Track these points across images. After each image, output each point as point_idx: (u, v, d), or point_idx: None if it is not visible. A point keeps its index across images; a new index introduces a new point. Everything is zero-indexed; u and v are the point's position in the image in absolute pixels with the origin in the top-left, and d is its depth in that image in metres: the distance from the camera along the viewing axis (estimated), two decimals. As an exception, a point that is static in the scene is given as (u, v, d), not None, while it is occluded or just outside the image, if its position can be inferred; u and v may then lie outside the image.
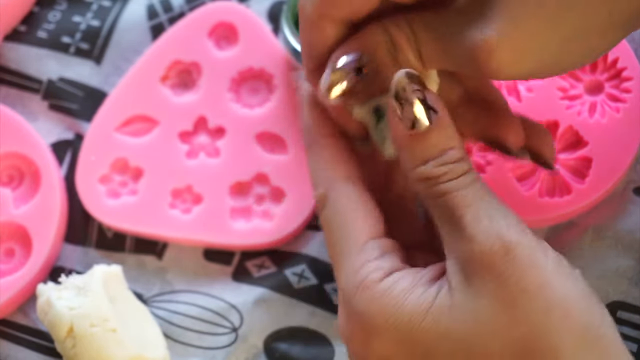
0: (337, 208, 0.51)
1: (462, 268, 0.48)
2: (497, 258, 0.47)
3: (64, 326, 0.61)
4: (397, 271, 0.50)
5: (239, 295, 0.66)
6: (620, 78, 0.65)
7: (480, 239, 0.48)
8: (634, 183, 0.65)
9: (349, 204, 0.51)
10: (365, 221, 0.51)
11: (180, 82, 0.70)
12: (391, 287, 0.49)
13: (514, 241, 0.48)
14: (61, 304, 0.61)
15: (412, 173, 0.50)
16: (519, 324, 0.47)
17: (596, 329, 0.48)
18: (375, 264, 0.50)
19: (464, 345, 0.47)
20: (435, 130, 0.49)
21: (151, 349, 0.63)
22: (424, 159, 0.49)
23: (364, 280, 0.49)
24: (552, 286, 0.47)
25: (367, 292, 0.49)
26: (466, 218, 0.48)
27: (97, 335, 0.61)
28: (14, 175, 0.69)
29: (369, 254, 0.50)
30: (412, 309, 0.48)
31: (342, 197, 0.52)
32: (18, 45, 0.72)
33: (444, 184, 0.49)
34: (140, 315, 0.65)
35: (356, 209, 0.51)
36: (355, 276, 0.49)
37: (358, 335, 0.49)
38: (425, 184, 0.50)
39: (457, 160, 0.50)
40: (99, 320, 0.61)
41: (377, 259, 0.50)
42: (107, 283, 0.63)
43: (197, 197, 0.67)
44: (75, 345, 0.61)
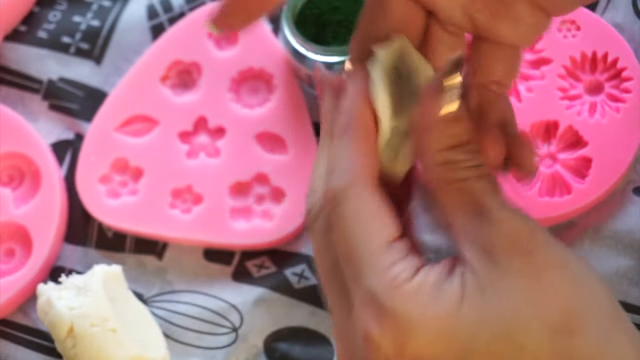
0: (360, 207, 0.50)
1: (487, 251, 0.48)
2: (523, 237, 0.47)
3: (64, 326, 0.61)
4: (425, 267, 0.49)
5: (239, 295, 0.66)
6: (620, 78, 0.65)
7: (507, 222, 0.48)
8: (633, 183, 0.65)
9: (373, 204, 0.50)
10: (389, 222, 0.50)
11: (180, 82, 0.70)
12: (423, 283, 0.48)
13: (537, 226, 0.48)
14: (61, 304, 0.61)
15: (437, 155, 0.49)
16: (553, 299, 0.47)
17: (619, 311, 0.48)
18: (403, 264, 0.49)
19: (503, 326, 0.47)
20: (466, 119, 0.49)
21: (151, 349, 0.63)
22: (449, 144, 0.49)
23: (395, 279, 0.48)
24: (575, 265, 0.48)
25: (400, 290, 0.48)
26: (491, 203, 0.48)
27: (97, 335, 0.61)
28: (14, 175, 0.69)
29: (394, 255, 0.49)
30: (447, 300, 0.47)
31: (366, 196, 0.50)
32: (18, 45, 0.72)
33: (467, 169, 0.49)
34: (140, 315, 0.65)
35: (380, 209, 0.50)
36: (386, 275, 0.48)
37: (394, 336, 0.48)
38: (447, 168, 0.49)
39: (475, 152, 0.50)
40: (99, 320, 0.61)
41: (403, 259, 0.49)
42: (107, 283, 0.63)
43: (197, 197, 0.67)
44: (75, 345, 0.61)
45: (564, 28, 0.66)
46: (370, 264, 0.49)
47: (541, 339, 0.46)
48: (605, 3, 0.68)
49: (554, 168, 0.64)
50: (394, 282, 0.48)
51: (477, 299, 0.47)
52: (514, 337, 0.47)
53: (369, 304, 0.49)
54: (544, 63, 0.66)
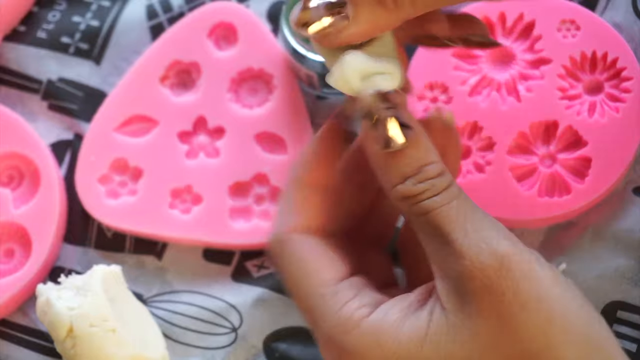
0: (298, 256, 0.50)
1: (455, 286, 0.47)
2: (491, 272, 0.46)
3: (63, 326, 0.61)
4: (383, 303, 0.49)
5: (238, 295, 0.66)
6: (619, 78, 0.65)
7: (472, 254, 0.46)
8: (633, 183, 0.65)
9: (309, 252, 0.50)
10: (330, 265, 0.50)
11: (180, 82, 0.70)
12: (383, 319, 0.48)
13: (507, 253, 0.46)
14: (61, 304, 0.61)
15: (392, 192, 0.48)
16: (520, 341, 0.46)
17: (596, 341, 0.47)
18: (357, 302, 0.48)
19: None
20: (411, 147, 0.48)
21: (151, 349, 0.63)
22: (402, 176, 0.48)
23: (350, 318, 0.48)
24: (550, 299, 0.46)
25: (358, 330, 0.48)
26: (454, 234, 0.47)
27: (97, 335, 0.61)
28: (14, 176, 0.69)
29: (345, 294, 0.49)
30: (409, 338, 0.47)
31: (301, 246, 0.50)
32: (18, 45, 0.72)
33: (426, 201, 0.47)
34: (139, 315, 0.65)
35: (318, 255, 0.50)
36: (339, 318, 0.48)
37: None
38: (407, 203, 0.48)
39: (438, 174, 0.48)
40: (98, 320, 0.61)
41: (355, 297, 0.49)
42: (107, 283, 0.63)
43: (196, 197, 0.67)
44: (75, 345, 0.61)
45: (563, 28, 0.66)
46: (321, 307, 0.49)
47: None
48: (605, 3, 0.68)
49: (553, 168, 0.64)
50: (348, 322, 0.48)
51: (442, 338, 0.46)
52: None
53: (328, 345, 0.48)
54: (543, 63, 0.66)
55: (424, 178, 0.48)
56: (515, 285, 0.46)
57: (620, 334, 0.62)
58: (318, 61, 0.66)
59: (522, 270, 0.46)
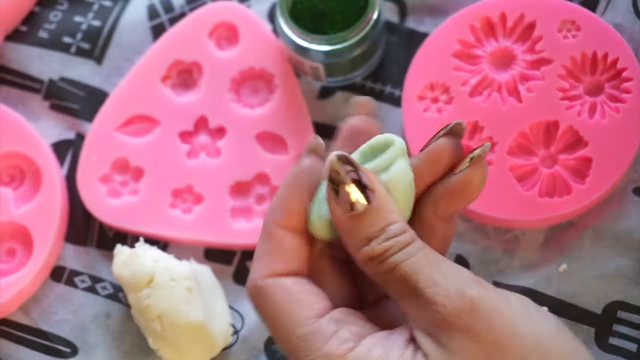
0: (274, 301, 0.50)
1: (430, 333, 0.47)
2: (463, 315, 0.46)
3: (146, 276, 0.63)
4: (367, 337, 0.48)
5: (240, 297, 0.66)
6: (620, 78, 0.65)
7: (442, 300, 0.47)
8: (633, 183, 0.65)
9: (284, 295, 0.50)
10: (308, 303, 0.50)
11: (181, 82, 0.70)
12: (367, 355, 0.48)
13: (476, 295, 0.47)
14: (148, 254, 0.63)
15: (358, 255, 0.49)
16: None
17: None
18: (338, 338, 0.48)
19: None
20: (373, 210, 0.48)
21: (216, 321, 0.63)
22: (367, 238, 0.48)
23: (334, 353, 0.48)
24: (523, 332, 0.47)
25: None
26: (423, 283, 0.47)
27: (175, 289, 0.62)
28: (15, 175, 0.69)
29: (326, 330, 0.49)
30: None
31: (276, 289, 0.50)
32: (19, 45, 0.72)
33: (392, 257, 0.48)
34: (213, 288, 0.65)
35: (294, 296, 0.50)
36: (322, 355, 0.48)
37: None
38: (373, 263, 0.48)
39: (400, 232, 0.48)
40: (179, 276, 0.63)
41: (337, 332, 0.48)
42: None
43: (197, 197, 0.67)
44: (151, 295, 0.62)
45: (564, 29, 0.66)
46: (304, 347, 0.48)
47: None
48: (605, 3, 0.68)
49: (554, 168, 0.64)
50: (332, 357, 0.48)
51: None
52: None
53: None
54: (544, 63, 0.66)
55: (388, 237, 0.48)
56: (487, 325, 0.46)
57: (620, 333, 0.62)
58: (321, 51, 0.66)
59: (492, 309, 0.47)
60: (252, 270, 0.51)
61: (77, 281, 0.68)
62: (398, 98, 0.68)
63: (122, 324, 0.66)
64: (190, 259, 0.66)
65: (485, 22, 0.67)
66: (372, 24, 0.66)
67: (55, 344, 0.66)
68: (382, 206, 0.48)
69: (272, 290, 0.50)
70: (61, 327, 0.67)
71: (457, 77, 0.66)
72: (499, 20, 0.67)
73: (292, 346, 0.49)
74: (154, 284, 0.62)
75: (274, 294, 0.50)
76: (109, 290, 0.67)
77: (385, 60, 0.70)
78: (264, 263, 0.51)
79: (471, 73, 0.67)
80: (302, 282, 0.51)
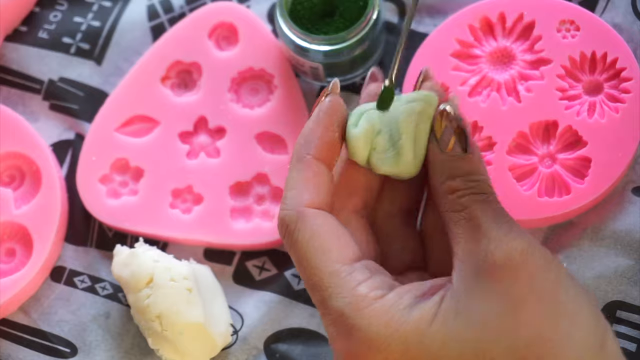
0: (315, 231, 0.51)
1: (476, 271, 0.49)
2: (515, 255, 0.48)
3: (145, 276, 0.63)
4: (398, 287, 0.50)
5: (239, 297, 0.66)
6: (619, 78, 0.65)
7: (500, 242, 0.49)
8: (632, 183, 0.65)
9: (326, 228, 0.51)
10: (347, 244, 0.51)
11: (181, 82, 0.70)
12: (395, 302, 0.49)
13: (532, 247, 0.49)
14: (147, 254, 0.63)
15: (443, 186, 0.52)
16: (525, 327, 0.47)
17: (602, 344, 0.48)
18: (370, 283, 0.50)
19: (471, 347, 0.48)
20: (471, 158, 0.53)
21: (215, 321, 0.64)
22: (455, 176, 0.52)
23: (365, 298, 0.49)
24: (563, 292, 0.48)
25: (370, 309, 0.49)
26: (487, 224, 0.50)
27: (174, 290, 0.62)
28: (15, 176, 0.69)
29: (360, 273, 0.50)
30: (418, 318, 0.48)
31: (318, 221, 0.52)
32: (19, 45, 0.72)
33: (471, 195, 0.51)
34: (213, 290, 0.65)
35: (336, 233, 0.52)
36: (354, 295, 0.49)
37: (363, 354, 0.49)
38: (453, 196, 0.52)
39: (483, 181, 0.52)
40: (179, 276, 0.63)
41: (370, 279, 0.50)
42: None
43: (197, 197, 0.67)
44: (150, 295, 0.62)
45: (563, 28, 0.66)
46: (336, 284, 0.50)
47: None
48: (604, 3, 0.68)
49: (553, 168, 0.64)
50: (363, 301, 0.49)
51: (450, 319, 0.48)
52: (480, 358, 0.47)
53: (337, 323, 0.50)
54: (543, 63, 0.66)
55: (472, 179, 0.52)
56: (533, 273, 0.48)
57: (620, 333, 0.62)
58: (321, 51, 0.66)
59: (542, 262, 0.49)
60: (289, 197, 0.52)
61: (76, 281, 0.68)
62: (397, 98, 0.68)
63: (121, 324, 0.66)
64: (190, 259, 0.66)
65: (485, 22, 0.67)
66: (371, 24, 0.66)
67: (55, 344, 0.66)
68: (476, 158, 0.53)
69: (314, 219, 0.51)
70: (61, 327, 0.67)
71: (457, 77, 0.66)
72: (498, 20, 0.67)
73: (321, 281, 0.50)
74: (154, 284, 0.63)
75: (316, 224, 0.51)
76: (109, 291, 0.67)
77: (385, 60, 0.70)
78: (301, 191, 0.52)
79: (470, 73, 0.67)
80: (339, 222, 0.52)
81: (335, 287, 0.50)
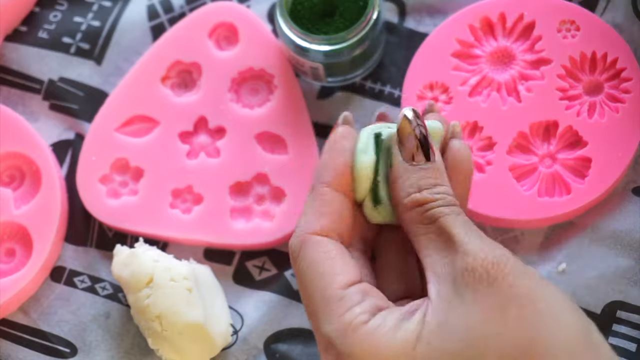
0: (313, 258, 0.53)
1: (454, 283, 0.49)
2: (490, 266, 0.49)
3: (145, 276, 0.63)
4: (383, 310, 0.51)
5: (239, 297, 0.66)
6: (619, 78, 0.65)
7: (475, 252, 0.50)
8: (633, 183, 0.65)
9: (325, 255, 0.53)
10: (342, 269, 0.52)
11: (181, 82, 0.70)
12: (380, 325, 0.50)
13: (506, 255, 0.50)
14: (147, 254, 0.63)
15: (406, 200, 0.53)
16: (510, 331, 0.48)
17: (589, 337, 0.49)
18: (360, 308, 0.51)
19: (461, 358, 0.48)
20: (431, 167, 0.53)
21: (215, 321, 0.63)
22: (419, 187, 0.53)
23: (352, 323, 0.50)
24: (543, 297, 0.49)
25: (356, 334, 0.50)
26: (460, 236, 0.51)
27: (174, 289, 0.62)
28: (15, 176, 0.69)
29: (351, 299, 0.51)
30: (403, 340, 0.49)
31: (319, 248, 0.53)
32: (19, 45, 0.72)
33: (437, 208, 0.52)
34: (213, 290, 0.65)
35: (333, 259, 0.53)
36: (341, 321, 0.50)
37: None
38: (418, 210, 0.52)
39: (448, 194, 0.53)
40: (179, 276, 0.63)
41: (360, 303, 0.51)
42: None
43: (197, 197, 0.67)
44: (150, 295, 0.62)
45: (563, 28, 0.66)
46: (326, 311, 0.51)
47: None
48: (604, 3, 0.68)
49: (553, 168, 0.64)
50: (349, 327, 0.50)
51: (434, 337, 0.49)
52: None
53: (328, 349, 0.51)
54: (543, 63, 0.66)
55: (438, 192, 0.53)
56: (511, 279, 0.49)
57: (620, 333, 0.62)
58: (321, 51, 0.66)
59: (518, 269, 0.49)
60: (301, 224, 0.54)
61: (76, 281, 0.68)
62: (398, 98, 0.68)
63: (121, 324, 0.66)
64: (189, 259, 0.66)
65: (485, 22, 0.67)
66: (371, 24, 0.66)
67: (54, 344, 0.66)
68: (438, 167, 0.54)
69: (316, 246, 0.53)
70: (61, 327, 0.67)
71: (457, 77, 0.67)
72: (499, 20, 0.67)
73: (315, 307, 0.52)
74: (154, 284, 0.63)
75: (316, 251, 0.53)
76: (109, 291, 0.67)
77: (385, 60, 0.70)
78: (313, 219, 0.54)
79: (471, 73, 0.67)
80: (342, 247, 0.54)
81: (324, 313, 0.51)
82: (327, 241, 0.54)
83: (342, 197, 0.55)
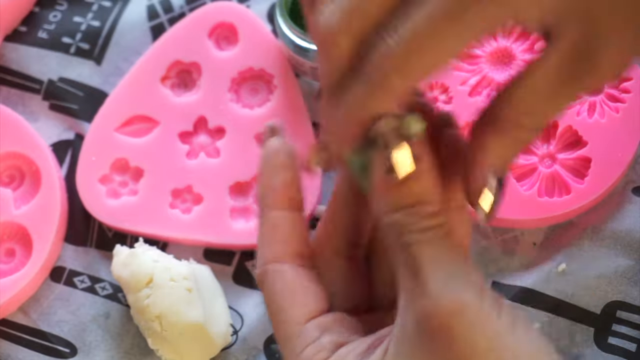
0: (273, 291, 0.50)
1: (416, 323, 0.46)
2: (447, 316, 0.45)
3: (145, 276, 0.62)
4: (343, 346, 0.48)
5: (239, 297, 0.66)
6: (619, 78, 0.65)
7: (435, 295, 0.45)
8: (633, 183, 0.65)
9: (283, 286, 0.50)
10: (302, 301, 0.50)
11: (181, 82, 0.70)
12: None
13: (469, 301, 0.45)
14: (147, 254, 0.63)
15: (384, 217, 0.47)
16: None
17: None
18: (317, 346, 0.48)
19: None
20: (411, 181, 0.46)
21: (215, 321, 0.63)
22: (397, 206, 0.47)
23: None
24: (502, 347, 0.45)
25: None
26: (425, 273, 0.46)
27: (174, 290, 0.62)
28: (15, 176, 0.69)
29: (308, 336, 0.49)
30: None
31: (277, 279, 0.50)
32: (19, 45, 0.72)
33: (411, 234, 0.46)
34: (213, 290, 0.65)
35: (292, 290, 0.50)
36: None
37: None
38: (394, 232, 0.47)
39: (429, 215, 0.47)
40: (178, 276, 0.63)
41: (317, 340, 0.49)
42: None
43: (197, 197, 0.67)
44: (150, 295, 0.62)
45: (563, 28, 0.66)
46: (287, 348, 0.49)
47: None
48: (604, 3, 0.68)
49: (553, 168, 0.64)
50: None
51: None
52: None
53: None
54: (543, 63, 0.66)
55: (415, 213, 0.47)
56: (467, 332, 0.45)
57: (620, 333, 0.62)
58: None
59: (477, 319, 0.45)
60: (257, 258, 0.51)
61: (76, 281, 0.68)
62: (397, 98, 0.68)
63: (121, 324, 0.66)
64: (189, 259, 0.66)
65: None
66: (371, 24, 0.66)
67: (54, 344, 0.66)
68: (419, 182, 0.46)
69: (272, 278, 0.50)
70: (60, 328, 0.67)
71: (456, 76, 0.66)
72: (498, 20, 0.67)
73: (279, 341, 0.50)
74: (153, 284, 0.63)
75: (274, 283, 0.50)
76: (109, 291, 0.67)
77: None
78: (265, 249, 0.51)
79: (470, 73, 0.67)
80: (302, 274, 0.50)
81: (285, 350, 0.49)
82: (285, 269, 0.50)
83: (291, 214, 0.51)
